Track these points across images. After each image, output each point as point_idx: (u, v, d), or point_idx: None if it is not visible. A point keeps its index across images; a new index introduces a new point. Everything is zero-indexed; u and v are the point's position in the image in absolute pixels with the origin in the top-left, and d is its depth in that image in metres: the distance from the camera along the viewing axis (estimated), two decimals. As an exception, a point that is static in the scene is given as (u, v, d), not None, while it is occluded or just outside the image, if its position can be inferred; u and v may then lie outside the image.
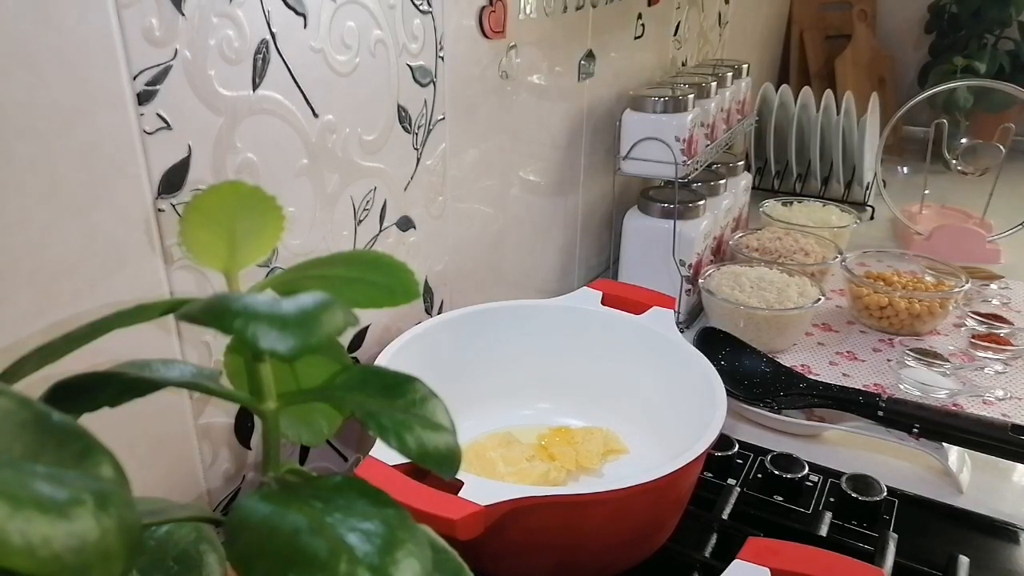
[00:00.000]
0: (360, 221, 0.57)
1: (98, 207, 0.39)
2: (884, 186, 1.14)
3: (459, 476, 0.42)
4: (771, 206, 1.12)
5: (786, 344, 0.83)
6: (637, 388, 0.64)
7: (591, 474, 0.60)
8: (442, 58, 0.61)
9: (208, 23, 0.42)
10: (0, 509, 0.14)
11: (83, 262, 0.39)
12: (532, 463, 0.58)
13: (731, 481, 0.61)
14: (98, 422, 0.20)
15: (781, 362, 0.75)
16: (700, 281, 0.86)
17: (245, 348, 0.24)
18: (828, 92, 1.22)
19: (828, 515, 0.57)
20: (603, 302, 0.67)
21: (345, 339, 0.58)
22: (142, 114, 0.40)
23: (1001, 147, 1.11)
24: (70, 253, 0.38)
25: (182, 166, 0.43)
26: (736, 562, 0.39)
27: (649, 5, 0.96)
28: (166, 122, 0.41)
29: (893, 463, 0.65)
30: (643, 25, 0.96)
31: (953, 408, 0.70)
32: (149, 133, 0.40)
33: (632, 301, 0.66)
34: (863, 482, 0.59)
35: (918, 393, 0.74)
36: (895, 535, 0.55)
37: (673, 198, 0.84)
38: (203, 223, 0.23)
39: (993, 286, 0.99)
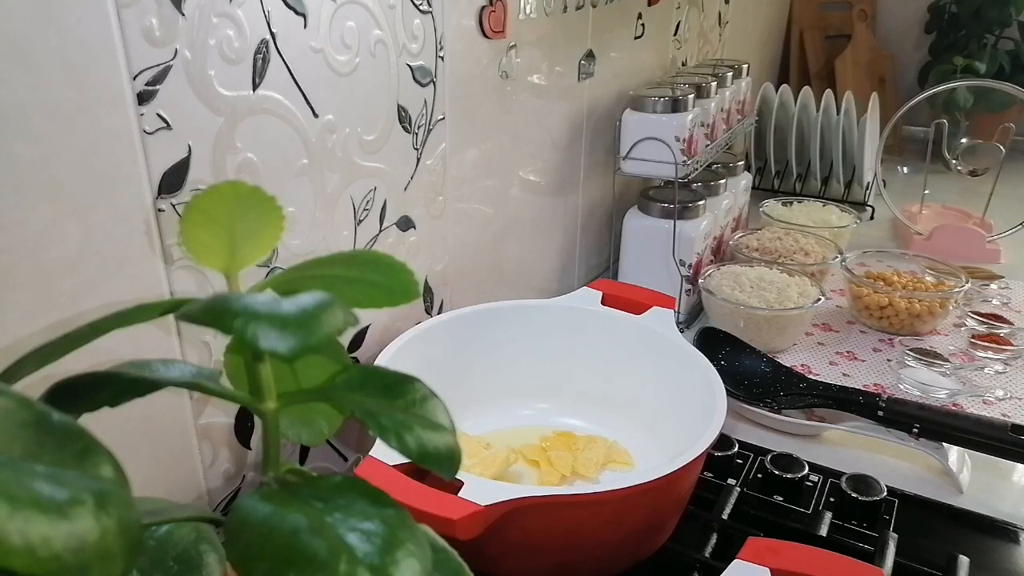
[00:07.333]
0: (360, 221, 0.57)
1: (98, 207, 0.39)
2: (884, 186, 1.14)
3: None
4: (771, 206, 1.12)
5: (786, 344, 0.83)
6: (637, 388, 0.64)
7: (587, 482, 0.59)
8: (442, 58, 0.61)
9: (208, 23, 0.42)
10: (0, 509, 0.14)
11: (83, 262, 0.39)
12: (490, 451, 0.58)
13: (731, 481, 0.61)
14: (98, 422, 0.20)
15: (781, 362, 0.75)
16: (700, 281, 0.86)
17: (245, 348, 0.24)
18: (828, 92, 1.22)
19: (828, 515, 0.57)
20: (603, 302, 0.67)
21: (345, 339, 0.58)
22: (142, 114, 0.40)
23: (1001, 147, 1.11)
24: (70, 253, 0.38)
25: (182, 166, 0.43)
26: (736, 562, 0.39)
27: (649, 5, 0.96)
28: (166, 122, 0.41)
29: (893, 463, 0.65)
30: (643, 25, 0.96)
31: (953, 408, 0.70)
32: (149, 133, 0.40)
33: (632, 301, 0.66)
34: (863, 482, 0.59)
35: (918, 393, 0.74)
36: (895, 535, 0.55)
37: (673, 198, 0.84)
38: (203, 223, 0.23)
39: (993, 286, 0.99)
